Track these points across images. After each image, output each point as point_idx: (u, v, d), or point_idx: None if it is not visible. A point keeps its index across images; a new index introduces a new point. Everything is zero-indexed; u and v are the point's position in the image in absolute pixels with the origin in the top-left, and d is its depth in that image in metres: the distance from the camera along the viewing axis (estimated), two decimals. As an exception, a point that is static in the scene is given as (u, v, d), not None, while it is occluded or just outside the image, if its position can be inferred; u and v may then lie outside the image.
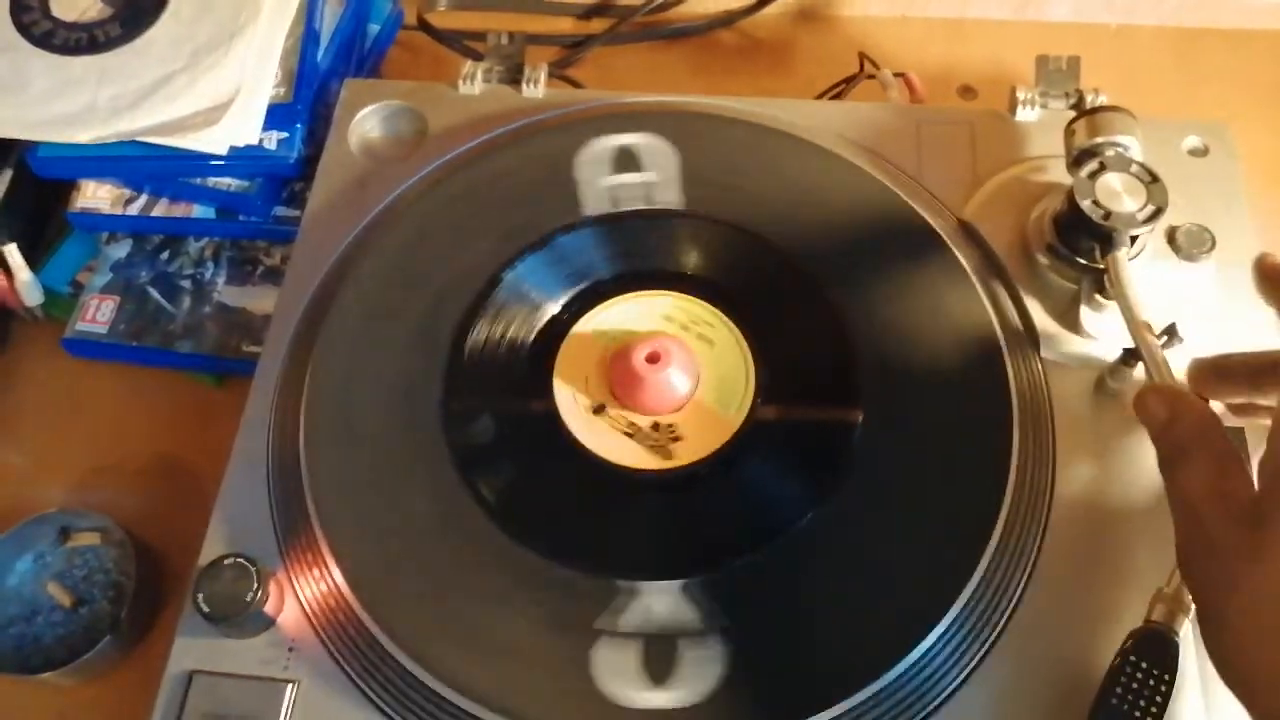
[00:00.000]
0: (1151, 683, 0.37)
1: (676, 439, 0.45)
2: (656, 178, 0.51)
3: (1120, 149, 0.47)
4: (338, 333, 0.48)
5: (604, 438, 0.45)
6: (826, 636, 0.40)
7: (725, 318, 0.47)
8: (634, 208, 0.51)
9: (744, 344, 0.47)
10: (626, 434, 0.45)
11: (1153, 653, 0.37)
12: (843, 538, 0.41)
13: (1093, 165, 0.46)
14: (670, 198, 0.51)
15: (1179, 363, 0.46)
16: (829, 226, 0.50)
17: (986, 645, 0.40)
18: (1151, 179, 0.45)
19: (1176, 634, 0.38)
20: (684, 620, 0.41)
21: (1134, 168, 0.46)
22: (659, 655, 0.40)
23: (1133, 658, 0.37)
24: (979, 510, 0.42)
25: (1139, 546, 0.42)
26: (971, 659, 0.40)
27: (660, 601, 0.41)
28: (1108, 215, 0.45)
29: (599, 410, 0.45)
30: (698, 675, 0.39)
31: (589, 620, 0.41)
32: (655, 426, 0.45)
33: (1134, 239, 0.45)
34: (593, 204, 0.50)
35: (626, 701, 0.39)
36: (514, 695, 0.40)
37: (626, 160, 0.52)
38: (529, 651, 0.41)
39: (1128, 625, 0.39)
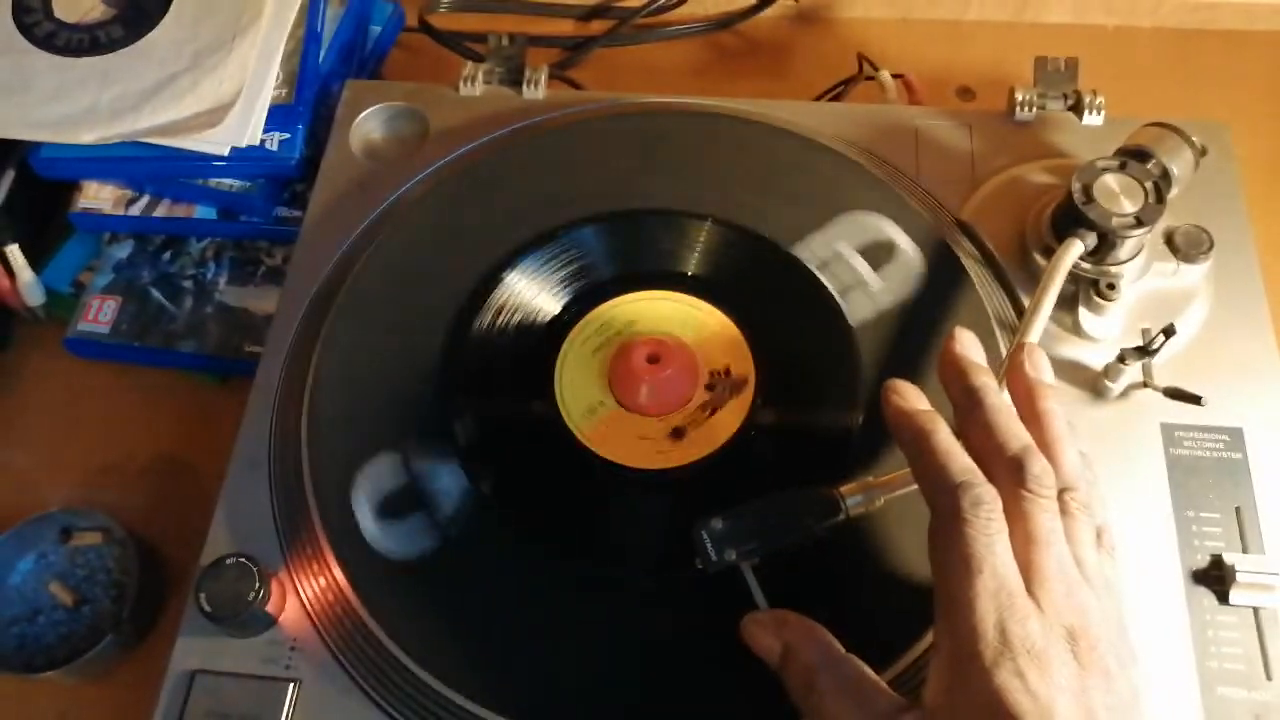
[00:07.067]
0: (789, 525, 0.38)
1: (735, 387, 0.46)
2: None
3: (1163, 166, 0.47)
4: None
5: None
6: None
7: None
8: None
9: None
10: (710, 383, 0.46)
11: (817, 507, 0.38)
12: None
13: (1116, 161, 0.46)
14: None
15: (1175, 363, 0.46)
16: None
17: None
18: (1157, 199, 0.45)
19: (846, 509, 0.39)
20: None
21: (1149, 182, 0.46)
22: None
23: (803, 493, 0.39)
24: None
25: (1136, 547, 0.42)
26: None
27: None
28: (1088, 201, 0.45)
29: (678, 435, 0.45)
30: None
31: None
32: (725, 374, 0.46)
33: (1104, 238, 0.45)
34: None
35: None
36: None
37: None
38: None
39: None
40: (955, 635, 0.32)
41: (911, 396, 0.38)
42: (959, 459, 0.35)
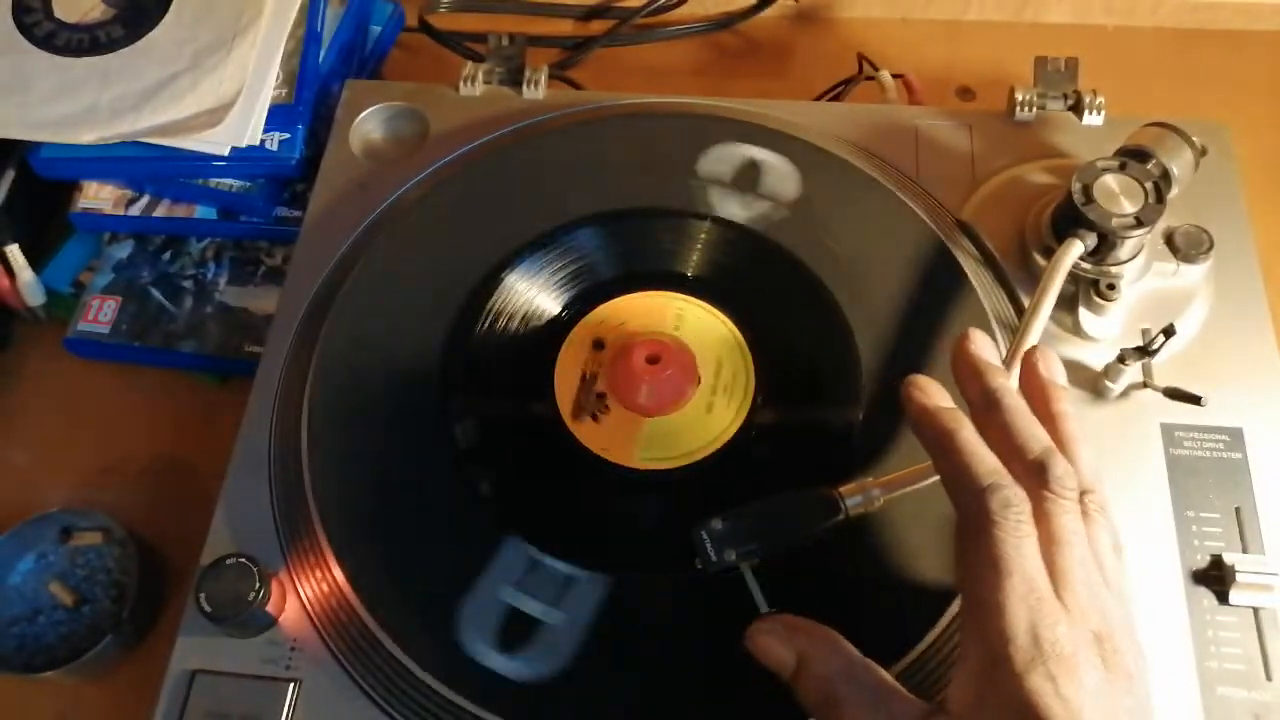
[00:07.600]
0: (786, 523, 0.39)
1: (604, 410, 0.46)
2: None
3: (1163, 166, 0.47)
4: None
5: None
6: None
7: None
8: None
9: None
10: (582, 374, 0.46)
11: (817, 507, 0.38)
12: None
13: (1116, 161, 0.46)
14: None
15: (1175, 363, 0.46)
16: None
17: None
18: (1157, 199, 0.45)
19: (845, 510, 0.39)
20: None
21: (1149, 182, 0.46)
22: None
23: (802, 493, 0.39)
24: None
25: (1136, 547, 0.42)
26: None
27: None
28: (1088, 201, 0.45)
29: (598, 346, 0.46)
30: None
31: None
32: (600, 396, 0.46)
33: (1104, 238, 0.45)
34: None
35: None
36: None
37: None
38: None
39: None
40: (984, 638, 0.32)
41: (934, 393, 0.38)
42: (986, 460, 0.34)
